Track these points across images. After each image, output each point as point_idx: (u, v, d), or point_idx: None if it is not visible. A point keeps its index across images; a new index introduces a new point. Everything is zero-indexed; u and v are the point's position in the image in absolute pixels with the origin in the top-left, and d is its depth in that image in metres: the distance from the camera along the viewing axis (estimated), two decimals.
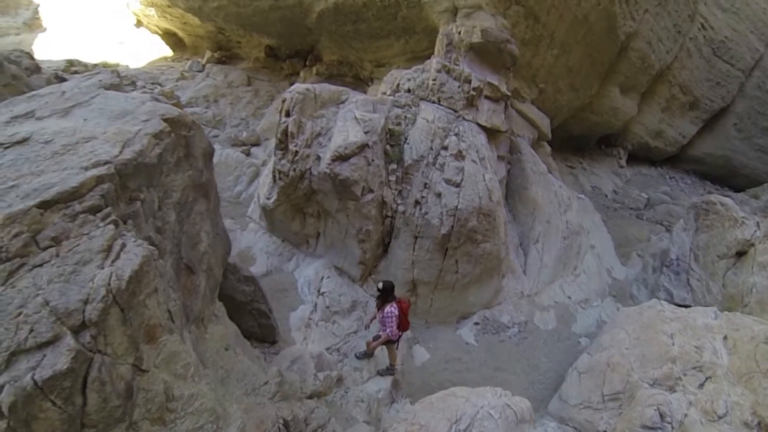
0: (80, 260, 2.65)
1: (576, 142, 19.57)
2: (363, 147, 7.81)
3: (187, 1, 14.82)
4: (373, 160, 8.05)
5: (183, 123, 4.27)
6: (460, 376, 8.33)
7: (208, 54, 17.15)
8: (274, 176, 8.83)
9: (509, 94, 10.49)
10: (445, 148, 8.68)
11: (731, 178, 19.97)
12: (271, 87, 15.74)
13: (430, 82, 9.56)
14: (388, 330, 6.61)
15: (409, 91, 9.67)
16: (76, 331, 2.43)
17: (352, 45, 14.84)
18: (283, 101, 8.66)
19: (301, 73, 16.02)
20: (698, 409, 6.13)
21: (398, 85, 9.90)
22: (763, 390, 6.11)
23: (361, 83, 15.98)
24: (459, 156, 8.62)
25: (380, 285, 6.71)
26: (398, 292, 8.91)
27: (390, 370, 7.31)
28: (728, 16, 17.80)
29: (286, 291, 8.38)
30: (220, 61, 16.86)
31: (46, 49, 19.25)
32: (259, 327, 6.26)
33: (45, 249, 2.64)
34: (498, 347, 9.23)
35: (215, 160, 12.19)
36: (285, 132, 8.35)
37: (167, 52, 19.53)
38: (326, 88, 9.22)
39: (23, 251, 2.56)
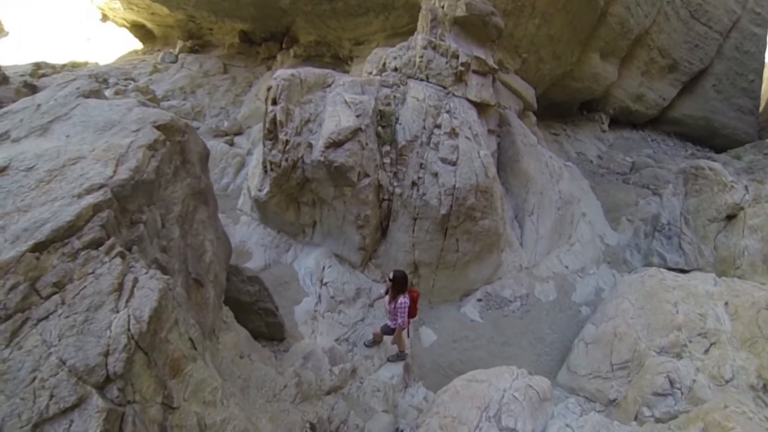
0: (91, 305, 2.34)
1: (558, 109, 19.47)
2: (356, 131, 7.53)
3: None
4: (366, 144, 7.79)
5: (176, 128, 3.92)
6: (469, 354, 8.35)
7: (179, 44, 16.39)
8: (264, 167, 8.51)
9: (497, 67, 10.25)
10: (438, 126, 8.45)
11: (711, 139, 20.16)
12: (248, 73, 15.17)
13: (417, 60, 9.25)
14: (399, 320, 6.45)
15: (396, 69, 9.35)
16: (102, 387, 2.14)
17: (329, 24, 14.34)
18: (269, 89, 8.28)
19: (278, 57, 15.47)
20: (706, 375, 6.25)
21: (384, 63, 9.57)
22: (767, 354, 6.22)
23: (340, 63, 15.52)
24: (452, 134, 8.40)
25: (391, 275, 6.42)
26: None
27: (400, 356, 7.21)
28: None
29: (287, 284, 8.15)
30: (193, 51, 16.14)
31: (10, 55, 18.15)
32: (266, 326, 6.06)
33: (48, 297, 2.32)
34: (503, 322, 9.21)
35: None
36: (273, 121, 8.01)
37: (137, 45, 18.61)
38: (311, 72, 8.84)
39: (24, 304, 2.23)
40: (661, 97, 20.24)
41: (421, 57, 9.19)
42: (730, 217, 10.50)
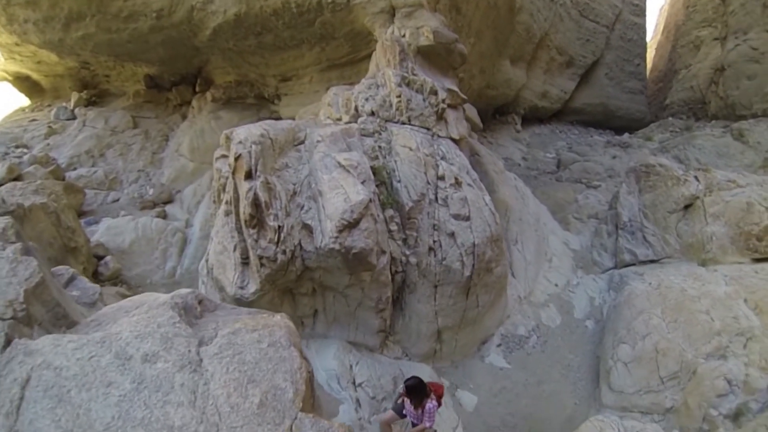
0: None
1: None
2: (368, 205, 6.07)
3: (43, 34, 10.89)
4: (378, 216, 6.37)
5: None
6: (514, 405, 7.72)
7: (74, 96, 13.10)
8: (245, 261, 6.66)
9: (466, 98, 9.34)
10: (441, 178, 7.28)
11: (609, 121, 21.63)
12: (161, 124, 12.58)
13: (394, 100, 7.95)
14: (429, 423, 5.50)
15: (373, 113, 7.94)
16: None
17: (251, 61, 12.33)
18: (237, 159, 6.44)
19: (194, 102, 13.05)
20: (755, 367, 6.62)
21: (356, 107, 8.10)
22: None
23: (265, 102, 13.56)
24: (457, 184, 7.30)
25: (405, 385, 5.42)
26: (423, 346, 7.62)
27: None
28: None
29: None
30: (90, 103, 12.99)
31: None
32: None
33: None
34: (528, 361, 8.58)
35: (131, 236, 9.49)
36: (255, 203, 6.20)
37: (23, 101, 14.76)
38: (277, 128, 7.10)
39: None
40: (562, 91, 21.27)
41: (399, 96, 7.90)
42: (687, 207, 10.91)
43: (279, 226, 6.15)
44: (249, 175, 6.33)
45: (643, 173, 11.74)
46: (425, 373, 7.52)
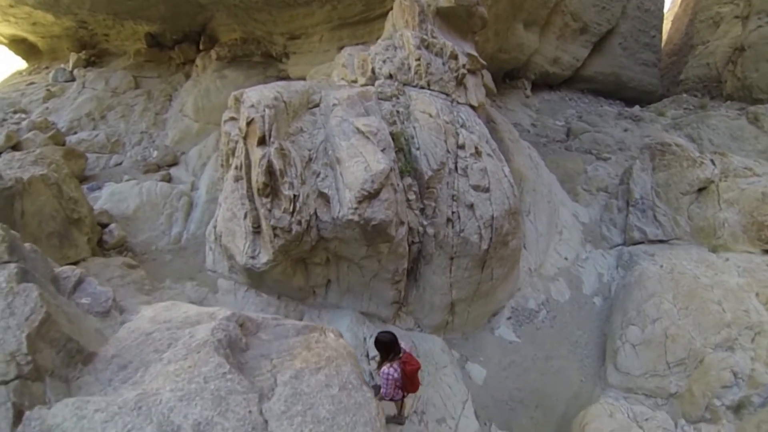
0: None
1: None
2: (389, 174, 5.75)
3: None
4: (397, 185, 6.07)
5: None
6: (522, 380, 7.73)
7: (72, 57, 12.42)
8: (256, 230, 6.39)
9: (485, 63, 8.86)
10: (461, 147, 6.93)
11: (620, 92, 21.05)
12: (164, 84, 12.01)
13: (413, 63, 7.49)
14: (382, 390, 4.90)
15: (390, 77, 7.50)
16: None
17: (257, 18, 11.67)
18: (249, 123, 6.07)
19: (198, 61, 12.44)
20: (761, 363, 6.68)
21: (373, 69, 7.64)
22: None
23: (273, 61, 12.95)
24: (477, 154, 6.97)
25: (376, 337, 4.93)
26: (435, 318, 7.48)
27: (398, 419, 5.62)
28: None
29: None
30: (90, 63, 12.34)
31: None
32: None
33: None
34: (538, 336, 8.53)
35: (135, 201, 9.17)
36: (269, 170, 5.88)
37: (20, 64, 14.05)
38: (291, 90, 6.66)
39: None
40: (574, 59, 20.55)
41: (418, 60, 7.44)
42: (701, 189, 10.70)
43: (294, 195, 5.86)
44: (262, 141, 5.98)
45: (659, 151, 11.48)
46: (436, 344, 7.43)
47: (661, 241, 10.60)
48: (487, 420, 6.96)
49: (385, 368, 4.77)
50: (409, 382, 4.91)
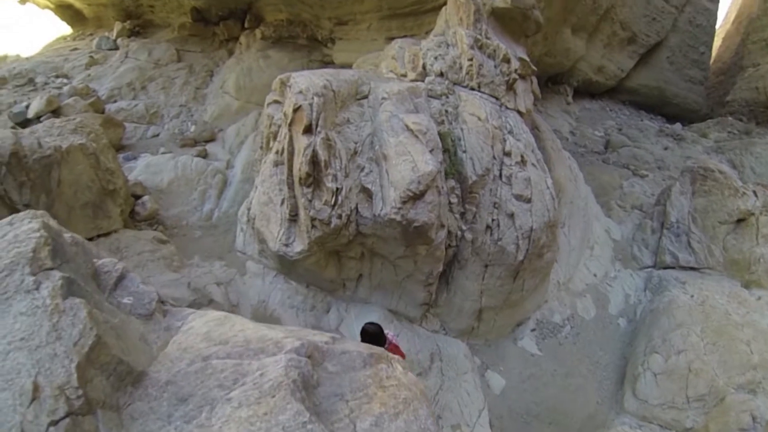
0: None
1: None
2: (436, 176, 5.63)
3: None
4: (442, 188, 5.95)
5: None
6: (540, 394, 7.60)
7: (117, 26, 12.49)
8: (293, 218, 6.35)
9: (536, 69, 8.61)
10: (508, 154, 6.76)
11: (663, 107, 20.43)
12: (207, 59, 12.00)
13: (465, 63, 7.30)
14: None
15: (441, 74, 7.33)
16: None
17: (305, 0, 11.56)
18: (296, 110, 5.98)
19: (242, 39, 12.39)
20: None
21: (423, 65, 7.47)
22: None
23: (318, 45, 12.83)
24: (522, 162, 6.80)
25: (363, 327, 4.74)
26: (462, 322, 7.39)
27: None
28: None
29: None
30: (134, 33, 12.39)
31: None
32: None
33: None
34: (560, 351, 8.36)
35: (170, 175, 9.21)
36: (313, 160, 5.82)
37: (65, 29, 14.16)
38: (340, 79, 6.55)
39: None
40: (619, 68, 19.95)
41: (470, 60, 7.25)
42: (739, 221, 10.35)
43: (337, 189, 5.79)
44: (308, 130, 5.91)
45: (700, 176, 11.08)
46: (460, 349, 7.35)
47: (692, 269, 10.32)
48: (500, 430, 6.88)
49: None
50: None
